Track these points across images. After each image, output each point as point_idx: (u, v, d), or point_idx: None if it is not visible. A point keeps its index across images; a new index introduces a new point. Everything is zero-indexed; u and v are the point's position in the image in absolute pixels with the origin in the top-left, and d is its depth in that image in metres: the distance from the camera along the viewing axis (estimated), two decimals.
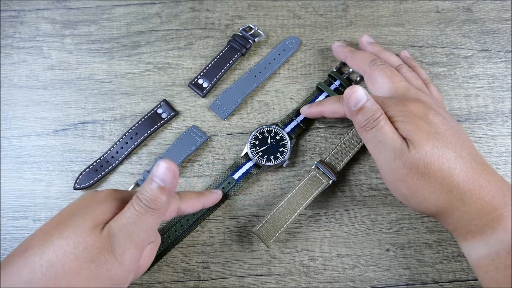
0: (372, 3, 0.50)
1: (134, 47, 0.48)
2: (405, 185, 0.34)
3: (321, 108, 0.42)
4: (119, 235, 0.29)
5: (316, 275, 0.42)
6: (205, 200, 0.39)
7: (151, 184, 0.30)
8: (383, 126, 0.35)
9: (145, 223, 0.30)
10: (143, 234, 0.30)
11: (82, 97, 0.46)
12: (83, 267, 0.28)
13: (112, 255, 0.29)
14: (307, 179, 0.42)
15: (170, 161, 0.30)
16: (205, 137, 0.45)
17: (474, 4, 0.49)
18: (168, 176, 0.30)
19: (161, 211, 0.31)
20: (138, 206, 0.30)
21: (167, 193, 0.30)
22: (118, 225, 0.30)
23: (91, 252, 0.28)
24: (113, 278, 0.29)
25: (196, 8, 0.49)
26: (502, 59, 0.47)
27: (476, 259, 0.33)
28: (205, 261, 0.42)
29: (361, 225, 0.43)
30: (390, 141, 0.34)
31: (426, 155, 0.33)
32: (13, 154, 0.45)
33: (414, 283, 0.41)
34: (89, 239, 0.28)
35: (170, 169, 0.30)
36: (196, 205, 0.37)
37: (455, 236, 0.35)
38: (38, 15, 0.49)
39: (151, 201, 0.30)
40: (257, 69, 0.47)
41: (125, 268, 0.29)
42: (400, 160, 0.34)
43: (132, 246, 0.30)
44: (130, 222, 0.30)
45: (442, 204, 0.34)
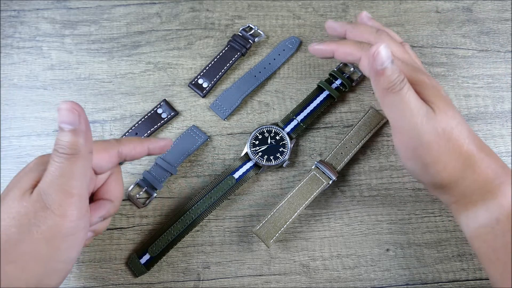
0: (372, 3, 0.50)
1: (134, 47, 0.48)
2: (429, 152, 0.33)
3: (336, 46, 0.39)
4: (49, 191, 0.29)
5: (316, 275, 0.42)
6: (150, 143, 0.37)
7: (61, 131, 0.29)
8: (409, 89, 0.33)
9: (72, 171, 0.29)
10: (74, 182, 0.30)
11: (82, 97, 0.46)
12: (26, 233, 0.29)
13: (49, 211, 0.29)
14: (307, 179, 0.42)
15: (69, 102, 0.29)
16: (205, 137, 0.45)
17: (474, 4, 0.49)
18: (72, 117, 0.29)
19: (82, 154, 0.30)
20: (57, 157, 0.29)
21: (79, 133, 0.29)
22: (45, 183, 0.29)
23: (27, 217, 0.29)
24: (60, 231, 0.29)
25: (196, 8, 0.50)
26: (502, 59, 0.48)
27: (475, 228, 0.34)
28: (205, 261, 0.42)
29: (361, 225, 0.43)
30: (416, 106, 0.33)
31: (450, 122, 0.33)
32: (13, 154, 0.45)
33: (414, 283, 0.42)
34: (21, 206, 0.29)
35: (71, 109, 0.28)
36: (139, 149, 0.36)
37: (455, 208, 0.35)
38: (38, 15, 0.49)
39: (67, 147, 0.29)
40: (257, 69, 0.47)
41: (69, 218, 0.30)
42: (429, 125, 0.33)
43: (66, 196, 0.29)
44: (56, 175, 0.29)
45: (456, 173, 0.34)
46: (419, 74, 0.35)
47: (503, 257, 0.32)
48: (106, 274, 0.41)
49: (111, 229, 0.43)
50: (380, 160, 0.45)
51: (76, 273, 0.41)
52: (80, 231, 0.31)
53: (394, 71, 0.33)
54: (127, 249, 0.42)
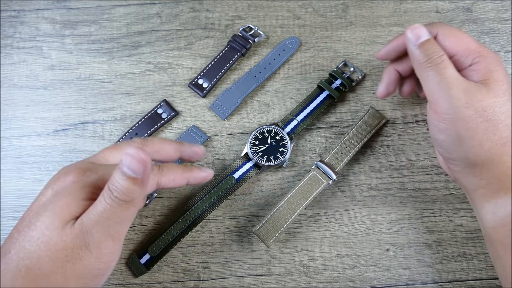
0: (372, 3, 0.50)
1: (134, 47, 0.48)
2: (466, 125, 0.33)
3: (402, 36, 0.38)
4: (93, 231, 0.28)
5: (316, 275, 0.42)
6: (190, 175, 0.35)
7: (120, 175, 0.27)
8: (448, 65, 0.34)
9: (120, 216, 0.29)
10: (119, 227, 0.29)
11: (82, 97, 0.47)
12: (60, 267, 0.28)
13: (87, 251, 0.28)
14: (307, 179, 0.42)
15: (137, 149, 0.27)
16: (205, 137, 0.45)
17: (474, 4, 0.49)
18: (138, 167, 0.27)
19: (135, 202, 0.29)
20: (109, 199, 0.28)
21: (139, 183, 0.28)
22: (91, 221, 0.28)
23: (64, 252, 0.28)
24: (93, 271, 0.29)
25: (196, 8, 0.50)
26: (502, 59, 0.47)
27: (503, 217, 0.33)
28: (205, 261, 0.42)
29: (361, 225, 0.43)
30: (455, 80, 0.33)
31: (497, 104, 0.33)
32: (13, 154, 0.45)
33: (414, 283, 0.42)
34: (60, 240, 0.28)
35: (138, 158, 0.27)
36: (178, 180, 0.34)
37: (482, 193, 0.35)
38: (38, 15, 0.49)
39: (123, 193, 0.28)
40: (257, 69, 0.47)
41: (104, 260, 0.29)
42: (467, 99, 0.33)
43: (108, 240, 0.29)
44: (103, 217, 0.28)
45: (492, 155, 0.33)
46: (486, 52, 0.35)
47: None
48: None
49: None
50: (380, 160, 0.45)
51: None
52: (110, 271, 0.31)
53: (431, 45, 0.34)
54: (127, 249, 0.42)
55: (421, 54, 0.34)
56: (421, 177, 0.44)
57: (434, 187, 0.44)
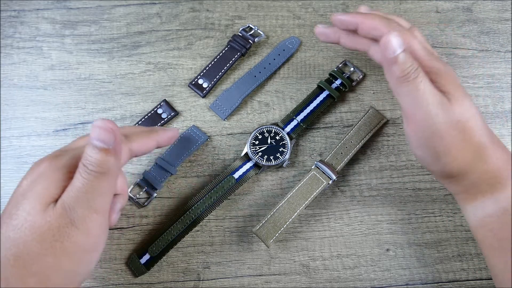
0: (372, 3, 0.50)
1: (134, 47, 0.48)
2: (442, 141, 0.33)
3: (361, 19, 0.37)
4: (75, 207, 0.29)
5: (316, 275, 0.42)
6: (158, 136, 0.36)
7: (92, 148, 0.28)
8: (423, 78, 0.33)
9: (99, 188, 0.29)
10: (100, 199, 0.29)
11: (82, 97, 0.47)
12: (49, 248, 0.28)
13: (73, 228, 0.28)
14: (307, 179, 0.42)
15: (106, 120, 0.28)
16: (205, 137, 0.45)
17: (474, 4, 0.49)
18: (108, 136, 0.28)
19: (111, 172, 0.29)
20: (85, 174, 0.28)
21: (113, 153, 0.29)
22: (71, 198, 0.29)
23: (51, 232, 0.28)
24: (83, 246, 0.29)
25: (196, 8, 0.50)
26: (502, 59, 0.47)
27: (482, 217, 0.34)
28: (205, 261, 0.42)
29: (361, 225, 0.43)
30: (431, 95, 0.33)
31: (466, 112, 0.33)
32: (13, 154, 0.45)
33: (414, 283, 0.42)
34: (44, 221, 0.28)
35: (108, 128, 0.28)
36: (149, 144, 0.35)
37: (463, 197, 0.35)
38: (38, 15, 0.49)
39: (98, 165, 0.28)
40: (257, 69, 0.47)
41: (92, 234, 0.29)
42: (443, 114, 0.33)
43: (92, 213, 0.29)
44: (82, 191, 0.29)
45: (467, 164, 0.34)
46: (434, 61, 0.35)
47: (508, 246, 0.32)
48: (106, 274, 0.41)
49: (111, 229, 0.43)
50: (380, 160, 0.45)
51: None
52: (101, 245, 0.31)
53: (407, 59, 0.32)
54: (127, 249, 0.42)
55: (398, 69, 0.33)
56: (421, 177, 0.44)
57: (434, 187, 0.44)
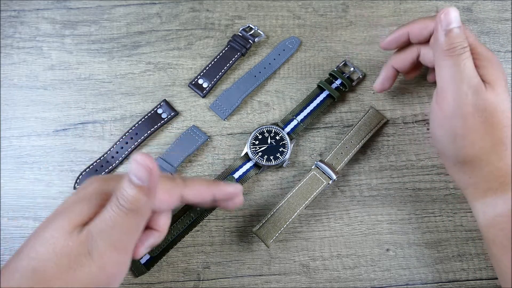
0: (372, 3, 0.50)
1: (134, 47, 0.48)
2: (464, 123, 0.33)
3: (408, 27, 0.38)
4: (97, 238, 0.28)
5: (316, 275, 0.42)
6: (217, 189, 0.33)
7: (128, 183, 0.28)
8: (468, 57, 0.34)
9: (125, 225, 0.28)
10: (123, 237, 0.28)
11: (82, 97, 0.47)
12: (62, 272, 0.27)
13: (89, 259, 0.28)
14: (307, 179, 0.42)
15: (144, 156, 0.27)
16: (205, 137, 0.45)
17: (474, 4, 0.49)
18: (143, 173, 0.27)
19: (141, 212, 0.29)
20: (116, 207, 0.28)
21: (145, 192, 0.28)
22: (96, 228, 0.28)
23: (68, 257, 0.27)
24: (95, 280, 0.28)
25: (196, 8, 0.50)
26: (502, 59, 0.47)
27: (492, 216, 0.34)
28: (205, 261, 0.42)
29: (361, 225, 0.43)
30: (470, 75, 0.33)
31: (498, 104, 0.33)
32: (13, 154, 0.45)
33: (414, 283, 0.42)
34: (65, 244, 0.28)
35: (144, 165, 0.27)
36: (204, 194, 0.33)
37: (472, 192, 0.35)
38: (38, 15, 0.49)
39: (129, 202, 0.28)
40: (257, 69, 0.47)
41: (106, 271, 0.28)
42: (473, 97, 0.33)
43: (112, 250, 0.28)
44: (108, 225, 0.28)
45: (482, 154, 0.34)
46: (484, 49, 0.35)
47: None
48: None
49: None
50: (380, 160, 0.45)
51: None
52: (115, 283, 0.30)
53: (459, 35, 0.33)
54: None
55: (446, 41, 0.34)
56: (421, 177, 0.44)
57: (434, 187, 0.44)
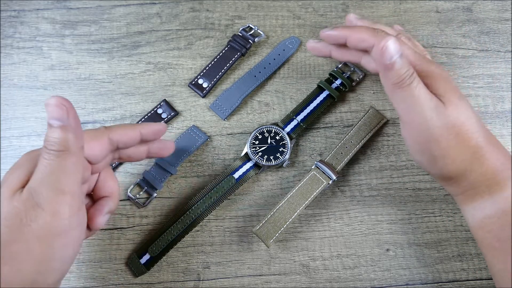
0: (372, 3, 0.50)
1: (134, 47, 0.48)
2: (439, 145, 0.34)
3: (349, 32, 0.37)
4: (40, 189, 0.28)
5: (316, 275, 0.42)
6: (142, 127, 0.35)
7: (50, 128, 0.28)
8: (418, 83, 0.33)
9: (63, 167, 0.29)
10: (65, 179, 0.29)
11: (82, 97, 0.47)
12: (17, 233, 0.28)
13: (39, 210, 0.28)
14: (307, 179, 0.42)
15: (57, 97, 0.28)
16: (205, 137, 0.45)
17: (474, 4, 0.49)
18: (60, 112, 0.28)
19: (73, 150, 0.29)
20: (46, 154, 0.28)
21: (69, 129, 0.28)
22: (36, 181, 0.29)
23: (18, 217, 0.28)
24: (52, 229, 0.29)
25: (196, 8, 0.50)
26: (502, 59, 0.47)
27: (481, 218, 0.34)
28: (205, 261, 0.42)
29: (361, 225, 0.43)
30: (426, 99, 0.33)
31: (460, 116, 0.33)
32: (13, 154, 0.45)
33: (414, 283, 0.42)
34: (11, 206, 0.28)
35: (59, 104, 0.28)
36: (131, 134, 0.34)
37: (462, 199, 0.36)
38: (38, 15, 0.49)
39: (57, 144, 0.28)
40: (257, 69, 0.47)
41: (61, 216, 0.29)
42: (439, 119, 0.33)
43: (59, 194, 0.29)
44: (46, 173, 0.28)
45: (464, 166, 0.34)
46: (429, 65, 0.35)
47: (507, 247, 0.32)
48: (106, 274, 0.41)
49: (111, 229, 0.43)
50: (380, 160, 0.45)
51: (76, 273, 0.41)
52: (73, 229, 0.30)
53: (403, 65, 0.33)
54: (127, 249, 0.42)
55: (394, 75, 0.33)
56: (421, 177, 0.44)
57: (434, 187, 0.44)
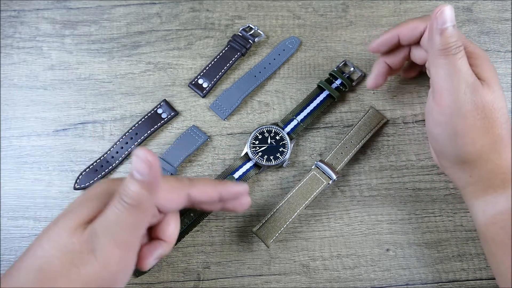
0: (372, 3, 0.50)
1: (134, 47, 0.48)
2: (463, 122, 0.34)
3: (398, 28, 0.38)
4: (100, 235, 0.28)
5: (316, 275, 0.42)
6: (223, 189, 0.33)
7: (130, 178, 0.28)
8: (463, 56, 0.34)
9: (127, 222, 0.28)
10: (126, 233, 0.28)
11: (82, 97, 0.47)
12: (66, 270, 0.27)
13: (92, 257, 0.28)
14: (307, 179, 0.42)
15: (144, 150, 0.27)
16: (205, 137, 0.45)
17: (474, 4, 0.49)
18: (143, 167, 0.27)
19: (143, 207, 0.28)
20: (119, 204, 0.28)
21: (146, 186, 0.28)
22: (99, 226, 0.28)
23: (71, 255, 0.27)
24: (98, 279, 0.28)
25: (196, 8, 0.50)
26: (502, 59, 0.47)
27: (493, 214, 0.34)
28: (205, 261, 0.42)
29: (361, 225, 0.43)
30: (467, 74, 0.34)
31: (495, 100, 0.34)
32: (13, 154, 0.45)
33: (414, 283, 0.42)
34: (70, 242, 0.28)
35: (144, 159, 0.27)
36: (211, 193, 0.32)
37: (472, 191, 0.35)
38: (38, 15, 0.49)
39: (130, 197, 0.28)
40: (257, 69, 0.47)
41: (109, 269, 0.28)
42: (472, 95, 0.33)
43: (114, 247, 0.28)
44: (111, 222, 0.28)
45: (483, 152, 0.34)
46: (477, 48, 0.36)
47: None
48: None
49: None
50: (380, 160, 0.45)
51: None
52: (118, 282, 0.29)
53: (454, 34, 0.33)
54: None
55: (441, 41, 0.33)
56: (421, 177, 0.44)
57: (434, 187, 0.44)
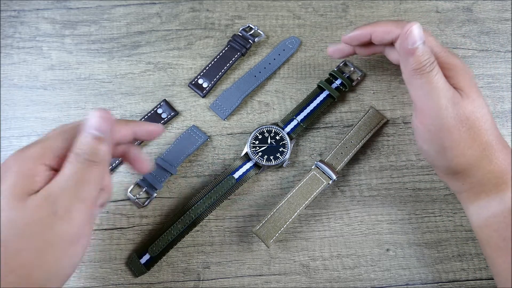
0: (372, 3, 0.50)
1: (134, 47, 0.48)
2: (450, 136, 0.34)
3: (372, 28, 0.38)
4: (60, 196, 0.28)
5: (316, 275, 0.42)
6: (136, 126, 0.34)
7: (87, 137, 0.28)
8: (438, 72, 0.34)
9: (89, 177, 0.28)
10: (88, 189, 0.29)
11: (82, 97, 0.47)
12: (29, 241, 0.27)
13: (56, 218, 0.27)
14: (307, 179, 0.42)
15: (102, 109, 0.28)
16: (205, 137, 0.45)
17: (474, 4, 0.49)
18: (104, 125, 0.28)
19: (103, 162, 0.29)
20: (77, 162, 0.28)
21: (106, 142, 0.29)
22: (57, 187, 0.28)
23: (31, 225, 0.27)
24: (67, 237, 0.28)
25: (196, 8, 0.50)
26: (502, 59, 0.47)
27: (487, 217, 0.34)
28: (205, 261, 0.42)
29: (361, 225, 0.43)
30: (444, 89, 0.34)
31: (477, 110, 0.34)
32: None
33: (414, 283, 0.42)
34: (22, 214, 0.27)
35: (104, 116, 0.28)
36: (123, 131, 0.33)
37: (466, 196, 0.36)
38: (38, 15, 0.49)
39: (91, 154, 0.28)
40: (257, 69, 0.47)
41: (77, 225, 0.28)
42: (454, 109, 0.33)
43: (79, 203, 0.28)
44: (72, 181, 0.28)
45: (473, 161, 0.34)
46: (452, 58, 0.36)
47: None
48: (106, 274, 0.41)
49: (111, 229, 0.43)
50: (380, 160, 0.45)
51: (76, 273, 0.41)
52: (85, 237, 0.30)
53: (425, 52, 0.33)
54: (127, 249, 0.42)
55: (414, 60, 0.34)
56: (421, 177, 0.44)
57: (434, 187, 0.44)
